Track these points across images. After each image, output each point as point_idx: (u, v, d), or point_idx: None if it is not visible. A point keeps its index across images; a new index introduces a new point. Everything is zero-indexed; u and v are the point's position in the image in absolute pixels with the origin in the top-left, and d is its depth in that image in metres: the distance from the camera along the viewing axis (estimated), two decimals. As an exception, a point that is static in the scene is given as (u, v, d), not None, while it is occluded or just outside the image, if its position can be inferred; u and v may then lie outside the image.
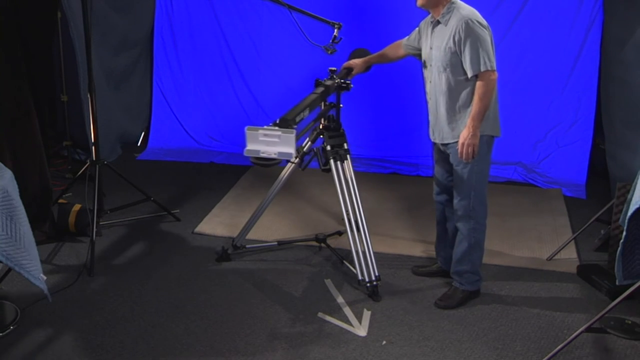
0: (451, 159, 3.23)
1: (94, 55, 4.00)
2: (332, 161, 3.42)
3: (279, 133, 2.59)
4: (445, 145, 3.24)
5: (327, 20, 3.77)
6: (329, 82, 3.39)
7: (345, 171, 3.43)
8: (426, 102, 3.33)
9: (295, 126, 2.71)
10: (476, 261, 3.32)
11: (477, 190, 3.20)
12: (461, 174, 3.19)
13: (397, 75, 5.28)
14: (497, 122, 3.21)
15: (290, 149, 2.59)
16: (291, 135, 2.57)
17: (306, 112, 3.01)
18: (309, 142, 3.56)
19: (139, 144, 5.91)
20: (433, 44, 3.17)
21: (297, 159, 3.58)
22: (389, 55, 3.59)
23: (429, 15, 3.22)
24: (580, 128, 5.21)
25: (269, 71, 5.68)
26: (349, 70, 3.60)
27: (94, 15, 3.97)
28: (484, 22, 3.06)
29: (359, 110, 5.36)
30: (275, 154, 2.61)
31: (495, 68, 3.03)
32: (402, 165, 5.49)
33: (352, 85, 3.43)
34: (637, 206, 2.57)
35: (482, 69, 3.00)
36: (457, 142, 3.14)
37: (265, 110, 5.80)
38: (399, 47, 3.51)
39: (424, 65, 3.29)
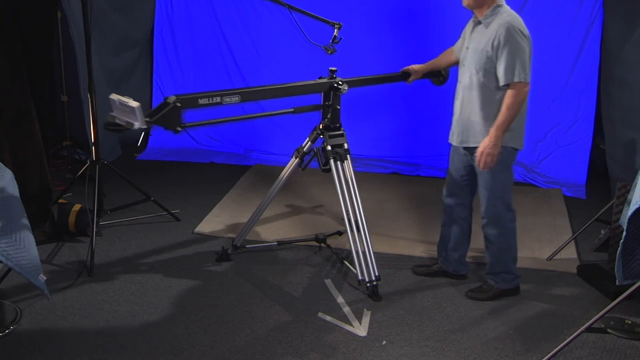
0: (475, 164, 3.20)
1: (94, 55, 4.00)
2: (332, 161, 3.42)
3: (127, 103, 2.81)
4: (468, 149, 3.22)
5: (327, 20, 3.76)
6: (322, 80, 3.40)
7: (345, 171, 3.43)
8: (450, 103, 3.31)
9: (179, 104, 2.89)
10: (509, 263, 3.34)
11: (503, 197, 3.20)
12: (486, 182, 3.19)
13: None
14: (521, 135, 3.17)
15: (134, 120, 2.81)
16: (135, 107, 2.77)
17: (232, 100, 3.10)
18: (309, 142, 3.56)
19: (139, 144, 5.91)
20: (470, 44, 3.15)
21: (297, 159, 3.58)
22: (442, 62, 3.56)
23: (473, 16, 3.19)
24: (580, 128, 5.21)
25: (269, 71, 5.68)
26: (406, 74, 3.60)
27: (94, 15, 3.98)
28: (526, 31, 3.01)
29: (359, 110, 5.36)
30: (124, 122, 2.85)
31: (529, 81, 2.98)
32: (402, 165, 5.49)
33: (346, 88, 3.40)
34: (637, 206, 2.57)
35: (516, 79, 2.96)
36: (467, 150, 3.14)
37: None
38: (451, 53, 3.48)
39: (460, 64, 3.28)
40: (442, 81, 3.74)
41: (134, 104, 2.78)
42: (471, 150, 3.20)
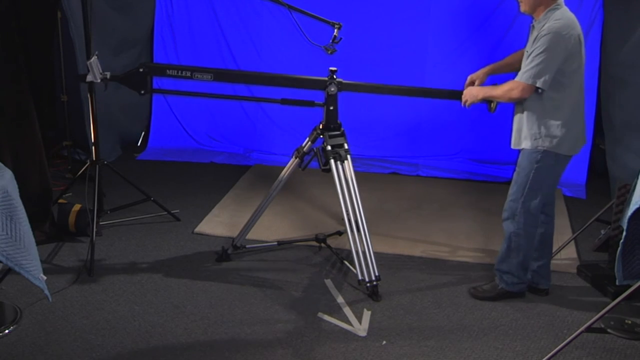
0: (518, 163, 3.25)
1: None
2: (332, 161, 3.42)
3: (91, 60, 3.34)
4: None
5: (327, 20, 3.76)
6: (312, 77, 3.45)
7: (345, 171, 3.43)
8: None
9: (142, 69, 3.32)
10: (515, 265, 3.31)
11: (527, 198, 3.18)
12: (517, 178, 3.21)
13: (396, 75, 5.28)
14: (564, 140, 3.10)
15: (89, 73, 3.38)
16: (89, 62, 3.34)
17: (204, 77, 3.32)
18: (309, 142, 3.56)
19: (139, 144, 5.91)
20: (526, 47, 3.18)
21: (297, 159, 3.58)
22: (514, 63, 3.43)
23: (533, 20, 3.19)
24: (580, 128, 5.20)
25: (269, 71, 5.67)
26: (472, 83, 3.57)
27: (94, 15, 3.97)
28: (571, 35, 2.97)
29: (359, 110, 5.35)
30: (88, 76, 3.39)
31: (544, 86, 2.97)
32: (402, 165, 5.49)
33: (333, 89, 3.40)
34: (637, 206, 2.57)
35: (524, 80, 2.99)
36: (520, 149, 3.18)
37: (265, 110, 5.80)
38: (522, 54, 3.43)
39: None
40: (493, 107, 3.58)
41: (92, 60, 3.34)
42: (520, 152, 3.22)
